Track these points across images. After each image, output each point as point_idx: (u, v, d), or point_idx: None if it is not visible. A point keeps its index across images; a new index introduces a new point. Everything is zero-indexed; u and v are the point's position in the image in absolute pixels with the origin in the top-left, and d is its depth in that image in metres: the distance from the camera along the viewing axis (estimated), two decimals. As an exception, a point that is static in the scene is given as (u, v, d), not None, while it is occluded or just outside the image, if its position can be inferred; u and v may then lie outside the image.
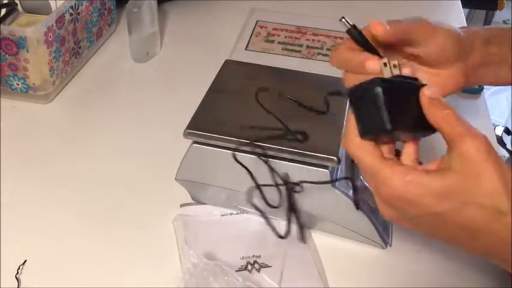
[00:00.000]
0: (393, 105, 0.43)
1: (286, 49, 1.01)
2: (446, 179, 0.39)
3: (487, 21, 2.09)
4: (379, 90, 0.43)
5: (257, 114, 0.64)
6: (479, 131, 0.40)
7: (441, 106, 0.42)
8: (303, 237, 0.55)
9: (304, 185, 0.58)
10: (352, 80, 0.51)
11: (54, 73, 0.83)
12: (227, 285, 0.56)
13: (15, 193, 0.69)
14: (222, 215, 0.67)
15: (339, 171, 0.63)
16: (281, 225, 0.65)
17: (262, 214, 0.55)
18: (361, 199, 0.59)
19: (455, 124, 0.40)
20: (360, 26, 0.51)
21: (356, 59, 0.51)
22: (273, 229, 0.55)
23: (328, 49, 1.01)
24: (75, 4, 0.85)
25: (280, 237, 0.54)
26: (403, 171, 0.41)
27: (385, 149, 0.45)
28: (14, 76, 0.81)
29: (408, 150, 0.46)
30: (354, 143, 0.44)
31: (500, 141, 1.66)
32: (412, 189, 0.40)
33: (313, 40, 1.04)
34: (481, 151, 0.38)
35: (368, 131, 0.44)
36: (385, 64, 0.48)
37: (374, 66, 0.49)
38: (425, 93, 0.43)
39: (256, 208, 0.55)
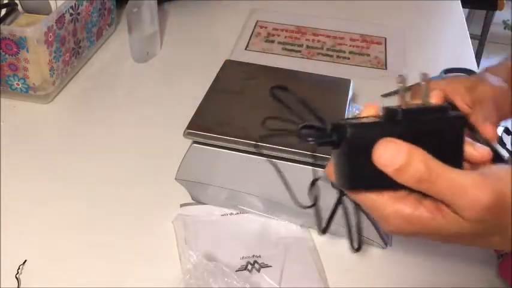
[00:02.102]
0: (366, 157, 0.35)
1: (286, 49, 1.01)
2: (460, 227, 0.36)
3: (487, 21, 2.09)
4: (346, 134, 0.35)
5: (257, 114, 0.64)
6: (465, 176, 0.35)
7: (414, 178, 0.35)
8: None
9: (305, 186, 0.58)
10: None
11: (54, 73, 0.83)
12: (226, 285, 0.56)
13: (15, 193, 0.69)
14: (222, 215, 0.67)
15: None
16: (281, 225, 0.66)
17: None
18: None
19: (443, 193, 0.35)
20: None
21: None
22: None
23: (328, 49, 1.01)
24: (75, 4, 0.85)
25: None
26: (440, 212, 0.36)
27: None
28: (14, 76, 0.81)
29: None
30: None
31: (500, 141, 1.66)
32: (424, 228, 0.37)
33: (313, 40, 1.04)
34: (484, 200, 0.34)
35: (341, 186, 0.38)
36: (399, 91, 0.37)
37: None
38: (383, 160, 0.35)
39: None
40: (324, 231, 0.46)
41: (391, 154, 0.34)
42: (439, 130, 0.35)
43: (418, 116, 0.35)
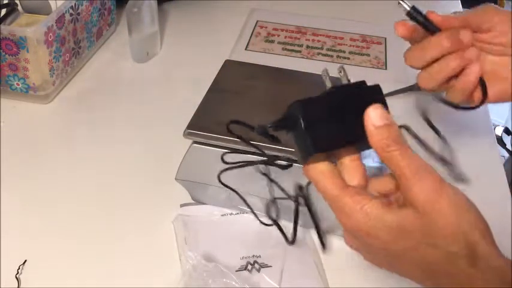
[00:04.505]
0: (320, 123, 0.40)
1: (286, 49, 1.01)
2: (402, 217, 0.38)
3: (487, 21, 2.09)
4: (298, 111, 0.40)
5: (257, 114, 0.64)
6: (428, 169, 0.38)
7: (387, 141, 0.39)
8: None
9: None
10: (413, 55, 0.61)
11: (54, 73, 0.83)
12: (225, 286, 0.56)
13: (15, 193, 0.69)
14: (222, 215, 0.67)
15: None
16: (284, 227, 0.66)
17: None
18: None
19: (401, 166, 0.38)
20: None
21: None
22: (283, 234, 0.52)
23: (328, 49, 1.01)
24: (75, 4, 0.85)
25: (288, 242, 0.50)
26: (361, 200, 0.39)
27: (354, 176, 0.42)
28: (14, 76, 0.81)
29: (350, 172, 0.43)
30: (315, 167, 0.42)
31: (500, 141, 1.66)
32: (369, 221, 0.39)
33: (313, 40, 1.04)
34: (430, 197, 0.37)
35: (304, 157, 0.42)
36: (327, 72, 0.45)
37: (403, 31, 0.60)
38: (370, 117, 0.39)
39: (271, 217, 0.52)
40: (292, 242, 0.49)
41: (381, 113, 0.39)
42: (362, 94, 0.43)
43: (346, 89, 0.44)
